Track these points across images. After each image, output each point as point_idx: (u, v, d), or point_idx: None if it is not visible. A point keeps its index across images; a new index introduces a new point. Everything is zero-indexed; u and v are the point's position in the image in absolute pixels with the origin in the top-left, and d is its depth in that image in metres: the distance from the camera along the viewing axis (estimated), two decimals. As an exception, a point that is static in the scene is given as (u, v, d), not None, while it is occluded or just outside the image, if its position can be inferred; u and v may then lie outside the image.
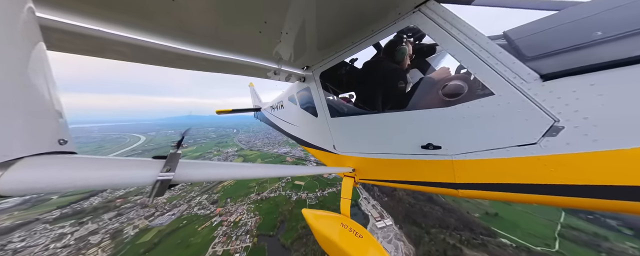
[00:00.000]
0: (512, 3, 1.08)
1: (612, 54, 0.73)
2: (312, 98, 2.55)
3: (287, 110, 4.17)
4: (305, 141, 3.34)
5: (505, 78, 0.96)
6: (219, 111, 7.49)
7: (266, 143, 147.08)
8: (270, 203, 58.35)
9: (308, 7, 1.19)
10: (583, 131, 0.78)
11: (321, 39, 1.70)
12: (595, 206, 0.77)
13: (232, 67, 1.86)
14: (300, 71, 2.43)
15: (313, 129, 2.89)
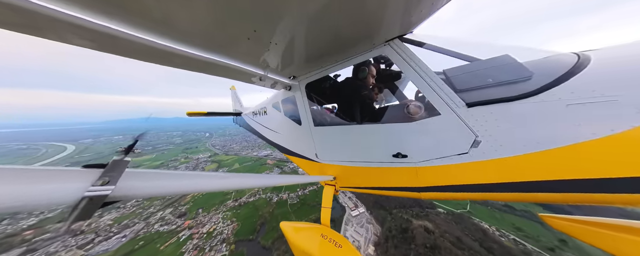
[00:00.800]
0: (445, 51, 1.50)
1: (495, 93, 1.19)
2: (296, 107, 2.54)
3: (270, 117, 4.01)
4: (287, 149, 3.25)
5: (446, 103, 1.32)
6: (191, 113, 6.75)
7: (245, 147, 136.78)
8: (249, 208, 54.92)
9: (298, 26, 1.23)
10: (490, 144, 1.16)
11: (309, 54, 1.76)
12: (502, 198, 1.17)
13: (214, 68, 1.67)
14: (286, 80, 2.37)
15: (296, 137, 2.85)
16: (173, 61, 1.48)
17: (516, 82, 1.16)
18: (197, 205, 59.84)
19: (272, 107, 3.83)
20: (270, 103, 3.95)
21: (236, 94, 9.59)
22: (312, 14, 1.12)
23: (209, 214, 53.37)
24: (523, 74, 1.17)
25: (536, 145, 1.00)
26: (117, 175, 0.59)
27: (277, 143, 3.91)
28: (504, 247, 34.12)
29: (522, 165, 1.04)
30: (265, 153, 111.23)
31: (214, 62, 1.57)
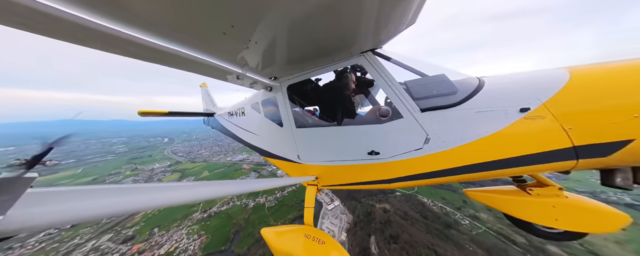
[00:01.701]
0: (405, 66, 1.85)
1: (437, 101, 1.60)
2: (278, 109, 2.47)
3: (249, 119, 3.71)
4: (268, 152, 3.10)
5: (407, 108, 1.64)
6: (144, 113, 5.02)
7: (216, 152, 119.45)
8: (220, 218, 49.02)
9: (281, 29, 1.22)
10: (436, 140, 1.53)
11: (291, 57, 1.77)
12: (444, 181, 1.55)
13: (183, 62, 1.44)
14: (267, 80, 2.27)
15: (277, 139, 2.77)
16: (132, 51, 1.21)
17: (449, 95, 1.60)
18: (150, 224, 49.06)
19: (251, 107, 3.57)
20: (249, 103, 3.66)
21: (208, 92, 8.21)
22: (295, 19, 1.13)
23: (168, 232, 44.68)
24: (452, 89, 1.62)
25: (461, 140, 1.44)
26: (8, 199, 0.38)
27: (256, 146, 3.63)
28: (434, 213, 46.24)
29: (454, 155, 1.46)
30: (241, 157, 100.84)
31: (183, 55, 1.35)
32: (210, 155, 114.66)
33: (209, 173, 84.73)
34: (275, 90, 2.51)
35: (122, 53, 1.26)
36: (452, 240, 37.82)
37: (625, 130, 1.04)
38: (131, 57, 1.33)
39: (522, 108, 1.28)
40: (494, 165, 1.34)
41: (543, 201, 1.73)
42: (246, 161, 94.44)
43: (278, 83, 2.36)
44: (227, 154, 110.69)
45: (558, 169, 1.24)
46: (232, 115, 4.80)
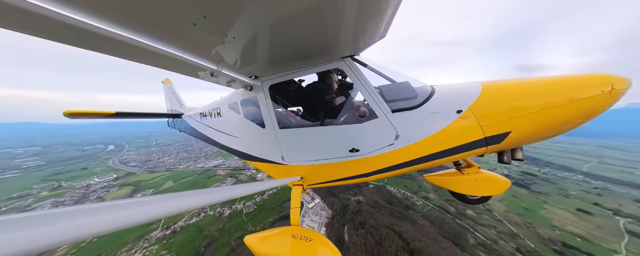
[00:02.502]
0: (378, 73, 2.04)
1: (403, 104, 1.81)
2: (259, 109, 2.37)
3: (226, 120, 3.36)
4: (248, 154, 2.90)
5: (381, 110, 1.81)
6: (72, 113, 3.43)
7: (183, 159, 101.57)
8: (188, 232, 42.27)
9: (262, 27, 1.15)
10: (404, 137, 1.75)
11: (273, 57, 1.73)
12: (409, 170, 1.82)
13: (141, 54, 1.20)
14: (247, 79, 2.14)
15: (260, 141, 2.63)
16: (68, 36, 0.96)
17: (412, 99, 1.84)
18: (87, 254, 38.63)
19: (229, 108, 3.21)
20: (226, 103, 3.29)
21: (173, 90, 6.74)
22: (277, 19, 1.10)
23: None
24: (414, 94, 1.87)
25: (421, 135, 1.71)
26: None
27: (234, 149, 3.29)
28: (398, 199, 53.62)
29: (417, 148, 1.73)
30: (215, 163, 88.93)
31: (141, 45, 1.11)
32: (176, 163, 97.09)
33: (173, 183, 70.72)
34: (256, 90, 2.37)
35: (81, 45, 1.02)
36: (409, 218, 44.03)
37: (507, 126, 1.53)
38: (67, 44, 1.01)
39: (458, 110, 1.65)
40: (443, 154, 1.68)
41: (470, 177, 2.28)
42: (221, 166, 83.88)
43: (259, 82, 2.22)
44: (199, 160, 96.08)
45: (478, 154, 1.69)
46: (205, 116, 4.22)
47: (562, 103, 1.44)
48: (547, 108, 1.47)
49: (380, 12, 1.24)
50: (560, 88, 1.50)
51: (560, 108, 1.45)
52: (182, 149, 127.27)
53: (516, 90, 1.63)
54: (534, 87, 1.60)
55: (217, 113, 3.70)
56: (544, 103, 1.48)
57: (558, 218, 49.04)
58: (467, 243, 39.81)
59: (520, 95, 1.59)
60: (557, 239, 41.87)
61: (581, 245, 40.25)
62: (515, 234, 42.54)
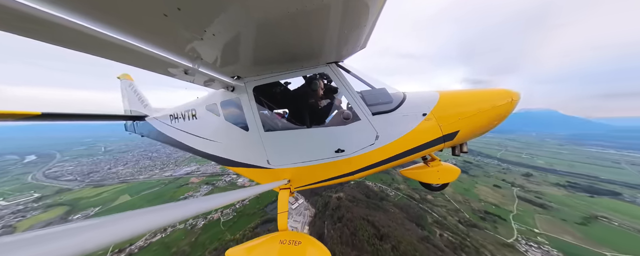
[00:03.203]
0: (360, 79, 2.11)
1: (382, 108, 1.93)
2: (242, 111, 2.20)
3: (203, 123, 2.95)
4: (229, 160, 2.62)
5: (363, 113, 1.89)
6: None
7: (146, 168, 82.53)
8: (150, 252, 35.55)
9: (245, 25, 1.07)
10: (383, 137, 1.87)
11: (258, 58, 1.64)
12: (387, 167, 1.93)
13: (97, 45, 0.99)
14: (228, 79, 1.96)
15: (242, 145, 2.43)
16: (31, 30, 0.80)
17: (388, 103, 1.96)
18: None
19: (206, 110, 2.83)
20: (203, 105, 2.90)
21: (133, 88, 5.36)
22: (262, 19, 1.04)
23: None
24: (390, 99, 1.99)
25: (396, 135, 1.85)
26: None
27: (213, 155, 2.88)
28: (374, 192, 58.19)
29: (393, 146, 1.86)
30: (188, 170, 75.59)
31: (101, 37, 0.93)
32: (135, 173, 78.58)
33: (131, 197, 57.01)
34: (238, 91, 2.19)
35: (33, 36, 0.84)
36: (382, 208, 47.88)
37: (457, 126, 1.85)
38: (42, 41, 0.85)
39: (423, 113, 1.89)
40: (414, 150, 1.88)
41: (434, 169, 2.51)
42: (195, 173, 72.13)
43: (242, 83, 2.07)
44: (166, 168, 79.91)
45: (439, 149, 1.96)
46: (176, 119, 3.57)
47: (489, 109, 1.88)
48: (480, 112, 1.88)
49: (360, 25, 1.31)
50: (486, 98, 1.93)
51: (488, 112, 1.89)
52: (144, 156, 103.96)
53: (461, 98, 2.00)
54: (471, 96, 2.00)
55: (192, 115, 3.17)
56: (479, 109, 1.89)
57: (483, 193, 62.95)
58: (426, 222, 46.10)
59: (464, 102, 1.96)
60: (482, 209, 53.87)
61: (495, 211, 53.14)
62: (458, 209, 52.61)
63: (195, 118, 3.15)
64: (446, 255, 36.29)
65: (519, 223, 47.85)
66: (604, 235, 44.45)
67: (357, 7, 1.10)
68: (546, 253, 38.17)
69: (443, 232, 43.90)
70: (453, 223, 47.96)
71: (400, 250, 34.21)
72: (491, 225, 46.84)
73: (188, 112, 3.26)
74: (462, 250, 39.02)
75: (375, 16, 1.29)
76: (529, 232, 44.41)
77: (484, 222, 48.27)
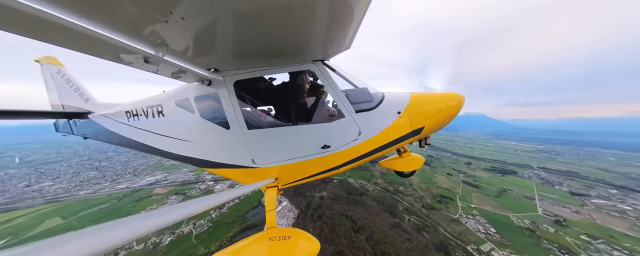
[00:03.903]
0: (345, 78, 2.13)
1: (364, 106, 2.00)
2: (221, 107, 2.00)
3: (172, 120, 2.51)
4: (208, 161, 2.35)
5: (347, 110, 1.93)
6: None
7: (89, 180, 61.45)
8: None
9: (222, 11, 0.88)
10: (364, 133, 1.92)
11: (238, 50, 1.45)
12: (368, 160, 2.00)
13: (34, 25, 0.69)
14: (203, 72, 1.69)
15: (224, 144, 2.21)
16: None
17: (370, 102, 2.06)
18: None
19: (177, 106, 2.42)
20: (172, 100, 2.46)
21: (66, 77, 3.84)
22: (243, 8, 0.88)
23: None
24: (371, 98, 2.08)
25: (376, 131, 1.98)
26: None
27: (187, 156, 2.49)
28: (355, 188, 61.01)
29: (374, 141, 1.97)
30: (151, 179, 60.49)
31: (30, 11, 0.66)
32: (72, 188, 58.51)
33: (63, 220, 42.52)
34: (216, 85, 1.96)
35: None
36: (361, 203, 50.33)
37: (422, 122, 2.09)
38: None
39: (398, 111, 2.06)
40: (391, 144, 2.04)
41: (405, 159, 2.70)
42: (161, 183, 59.27)
43: (221, 76, 1.87)
44: (121, 179, 61.76)
45: (409, 142, 2.17)
46: (135, 117, 2.84)
47: (445, 108, 2.21)
48: (439, 111, 2.19)
49: (345, 26, 1.33)
50: (443, 99, 2.25)
51: (444, 111, 2.21)
52: (87, 166, 78.19)
53: (425, 99, 2.22)
54: (433, 98, 2.26)
55: (158, 112, 2.63)
56: (438, 108, 2.19)
57: (440, 181, 74.03)
58: (398, 210, 51.05)
59: (427, 103, 2.20)
60: (439, 194, 63.47)
61: (447, 194, 63.77)
62: (422, 196, 60.46)
63: (161, 116, 2.63)
64: (411, 236, 40.83)
65: (462, 201, 58.97)
66: (508, 202, 59.69)
67: (342, 7, 1.09)
68: (477, 221, 48.30)
69: (410, 217, 49.36)
70: (418, 208, 54.63)
71: (374, 239, 36.66)
72: (444, 206, 55.68)
73: (151, 109, 2.69)
74: (424, 230, 44.83)
75: (360, 18, 1.29)
76: (468, 208, 55.03)
77: (440, 204, 56.98)
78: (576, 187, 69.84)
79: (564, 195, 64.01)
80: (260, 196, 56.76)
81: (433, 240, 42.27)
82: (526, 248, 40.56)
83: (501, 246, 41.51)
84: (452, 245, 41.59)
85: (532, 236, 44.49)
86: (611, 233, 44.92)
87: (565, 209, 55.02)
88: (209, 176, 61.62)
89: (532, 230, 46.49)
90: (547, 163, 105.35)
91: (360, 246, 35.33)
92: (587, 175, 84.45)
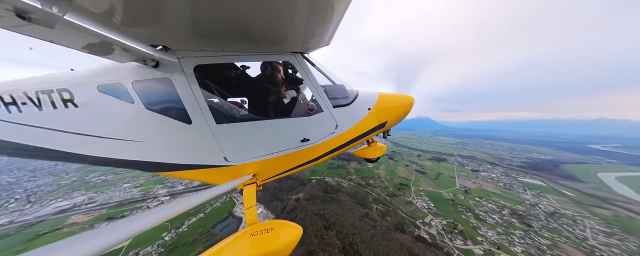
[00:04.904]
0: (324, 73, 2.10)
1: (341, 102, 2.07)
2: (177, 97, 1.51)
3: (94, 113, 1.57)
4: (167, 164, 1.71)
5: (325, 105, 1.93)
6: None
7: None
8: None
9: None
10: (341, 126, 1.98)
11: (198, 27, 1.06)
12: (345, 149, 2.13)
13: None
14: (144, 48, 1.19)
15: (185, 143, 1.69)
16: None
17: (346, 98, 2.11)
18: None
19: (101, 92, 1.56)
20: (90, 83, 1.57)
21: None
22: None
23: None
24: (347, 95, 2.14)
25: (351, 124, 2.02)
26: None
27: (132, 161, 1.69)
28: (332, 186, 63.28)
29: (349, 133, 2.04)
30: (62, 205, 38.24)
31: None
32: None
33: None
34: (166, 68, 1.44)
35: None
36: (337, 200, 51.97)
37: (386, 117, 2.32)
38: None
39: (368, 107, 2.22)
40: (362, 136, 2.17)
41: (373, 147, 2.83)
42: (81, 208, 37.69)
43: (174, 57, 1.40)
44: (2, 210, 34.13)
45: (376, 134, 2.40)
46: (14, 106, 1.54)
47: (401, 106, 2.52)
48: (398, 108, 2.49)
49: (326, 21, 1.29)
50: (401, 99, 2.55)
51: (401, 109, 2.52)
52: None
53: (388, 99, 2.46)
54: (393, 97, 2.53)
55: (63, 100, 1.61)
56: (397, 106, 2.48)
57: (400, 172, 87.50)
58: (368, 201, 55.91)
59: (390, 101, 2.45)
60: (399, 182, 74.35)
61: (405, 182, 75.72)
62: (387, 186, 68.90)
63: (70, 106, 1.62)
64: (377, 223, 45.00)
65: (414, 186, 71.27)
66: (442, 182, 77.58)
67: (323, 3, 1.04)
68: (423, 200, 60.24)
69: (378, 206, 55.12)
70: (384, 196, 61.87)
71: (343, 232, 38.26)
72: (402, 192, 65.62)
73: (49, 95, 1.61)
74: (388, 215, 51.10)
75: (340, 16, 1.26)
76: (418, 191, 67.21)
77: (399, 191, 66.66)
78: (474, 166, 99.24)
79: (468, 172, 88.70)
80: (230, 207, 49.36)
81: (393, 222, 48.43)
82: (450, 213, 52.72)
83: (436, 215, 53.34)
84: (406, 223, 49.04)
85: (453, 204, 59.80)
86: (487, 193, 67.29)
87: (469, 181, 77.63)
88: (163, 190, 48.54)
89: (453, 200, 62.51)
90: (461, 152, 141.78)
91: (330, 242, 35.84)
92: (479, 158, 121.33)
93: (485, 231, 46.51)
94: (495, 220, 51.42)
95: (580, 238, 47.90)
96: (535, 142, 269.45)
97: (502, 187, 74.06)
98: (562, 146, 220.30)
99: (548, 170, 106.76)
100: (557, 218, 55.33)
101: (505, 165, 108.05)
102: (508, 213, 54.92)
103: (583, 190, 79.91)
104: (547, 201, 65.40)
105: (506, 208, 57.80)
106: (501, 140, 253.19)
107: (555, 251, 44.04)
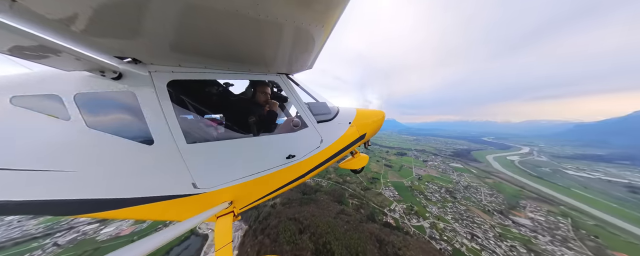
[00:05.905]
0: (308, 92, 2.08)
1: (324, 117, 1.97)
2: (138, 113, 1.14)
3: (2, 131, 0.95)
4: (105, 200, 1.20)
5: (310, 121, 1.86)
6: None
7: None
8: None
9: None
10: (325, 141, 1.89)
11: (180, 43, 0.90)
12: (330, 164, 2.01)
13: None
14: (107, 59, 0.94)
15: (140, 168, 1.23)
16: None
17: (328, 114, 2.08)
18: None
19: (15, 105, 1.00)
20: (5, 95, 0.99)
21: None
22: None
23: None
24: (329, 111, 2.10)
25: (334, 139, 1.96)
26: None
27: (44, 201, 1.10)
28: (311, 187, 59.61)
29: (332, 147, 1.96)
30: None
31: None
32: None
33: None
34: (131, 81, 1.12)
35: None
36: (315, 200, 50.95)
37: (365, 130, 2.30)
38: None
39: (349, 122, 2.13)
40: (345, 148, 2.11)
41: (356, 158, 2.70)
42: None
43: (144, 71, 1.13)
44: None
45: (358, 145, 2.33)
46: None
47: (376, 120, 2.56)
48: (374, 122, 2.53)
49: (309, 50, 1.32)
50: (375, 114, 2.58)
51: (375, 123, 2.56)
52: None
53: (365, 114, 2.47)
54: (369, 113, 2.54)
55: None
56: (373, 120, 2.52)
57: (372, 167, 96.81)
58: (345, 197, 57.91)
59: (367, 116, 2.47)
60: (371, 176, 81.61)
61: (376, 176, 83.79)
62: (361, 181, 74.13)
63: None
64: (351, 217, 45.66)
65: (383, 179, 79.58)
66: (404, 173, 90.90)
67: (305, 35, 1.07)
68: (390, 190, 67.96)
69: (353, 200, 57.78)
70: (358, 191, 65.79)
71: (317, 233, 36.76)
72: (374, 185, 71.87)
73: None
74: (361, 208, 53.40)
75: (320, 46, 1.30)
76: (386, 182, 75.53)
77: (371, 184, 72.56)
78: (424, 157, 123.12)
79: (421, 163, 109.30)
80: (187, 231, 36.60)
81: (366, 213, 51.31)
82: (409, 198, 61.83)
83: (399, 201, 61.39)
84: (376, 212, 53.41)
85: (410, 190, 68.12)
86: (433, 177, 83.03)
87: (421, 170, 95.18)
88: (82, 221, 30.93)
89: (411, 187, 73.47)
90: (416, 147, 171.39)
91: (303, 246, 33.61)
92: (427, 150, 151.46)
93: (431, 209, 56.86)
94: (436, 198, 64.23)
95: (479, 201, 64.19)
96: (458, 136, 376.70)
97: (441, 171, 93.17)
98: (470, 139, 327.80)
99: (464, 156, 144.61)
100: (469, 189, 72.98)
101: (442, 155, 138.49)
102: (444, 191, 69.70)
103: (480, 168, 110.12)
104: (463, 178, 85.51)
105: (443, 187, 72.94)
106: (440, 137, 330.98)
107: (468, 213, 56.21)
